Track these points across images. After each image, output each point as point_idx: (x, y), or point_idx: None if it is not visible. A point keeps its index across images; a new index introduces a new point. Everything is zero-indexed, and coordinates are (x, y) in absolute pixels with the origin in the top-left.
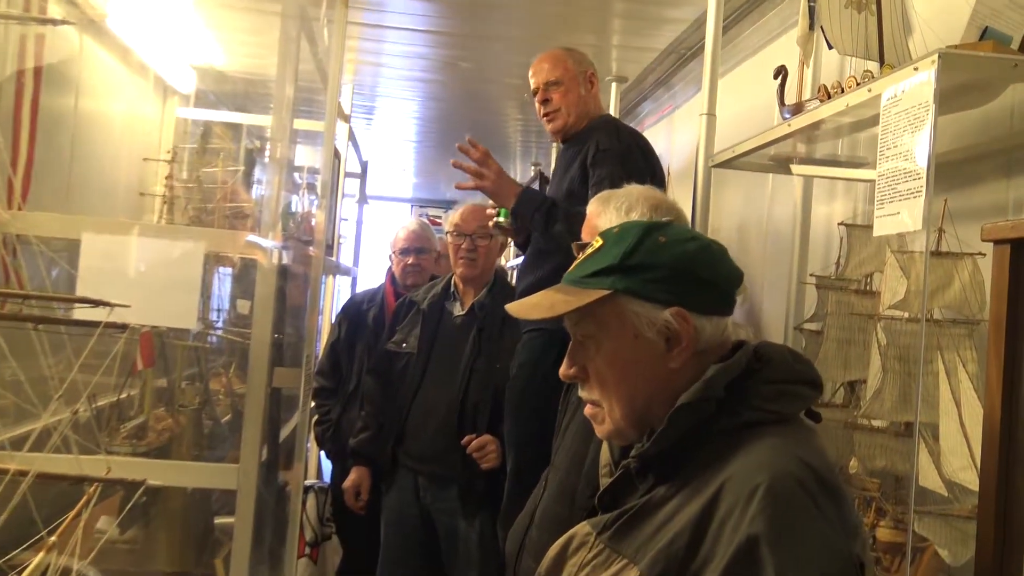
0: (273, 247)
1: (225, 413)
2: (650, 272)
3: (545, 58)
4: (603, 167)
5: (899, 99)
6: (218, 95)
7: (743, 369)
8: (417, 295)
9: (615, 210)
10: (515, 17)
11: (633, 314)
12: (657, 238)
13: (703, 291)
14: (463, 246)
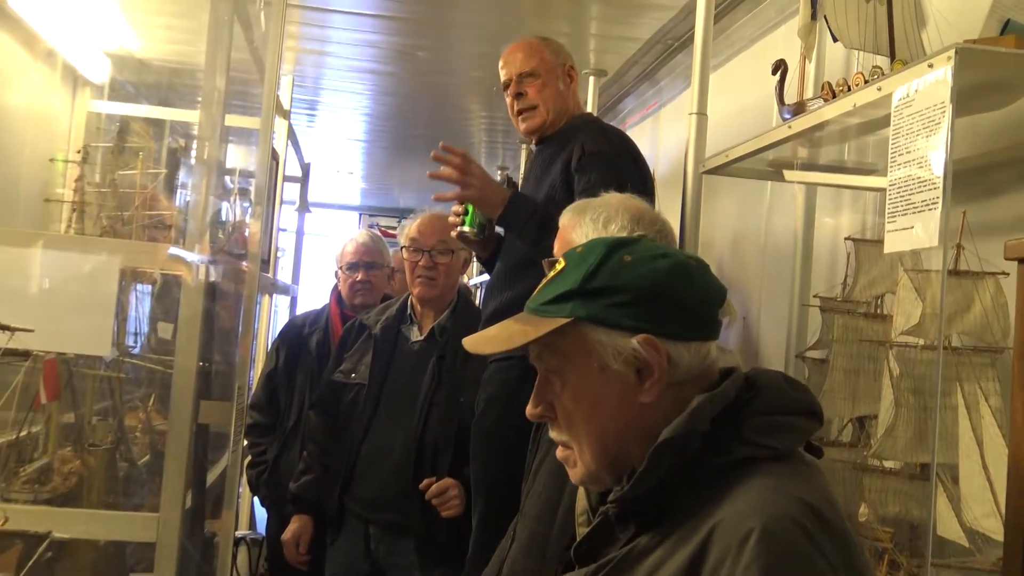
0: (200, 262)
1: (143, 454)
2: (613, 296)
3: (518, 47)
4: (593, 171)
5: (912, 99)
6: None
7: (732, 399)
8: (368, 317)
9: (591, 222)
10: (479, 1)
11: (597, 344)
12: (621, 257)
13: (676, 314)
14: (421, 263)
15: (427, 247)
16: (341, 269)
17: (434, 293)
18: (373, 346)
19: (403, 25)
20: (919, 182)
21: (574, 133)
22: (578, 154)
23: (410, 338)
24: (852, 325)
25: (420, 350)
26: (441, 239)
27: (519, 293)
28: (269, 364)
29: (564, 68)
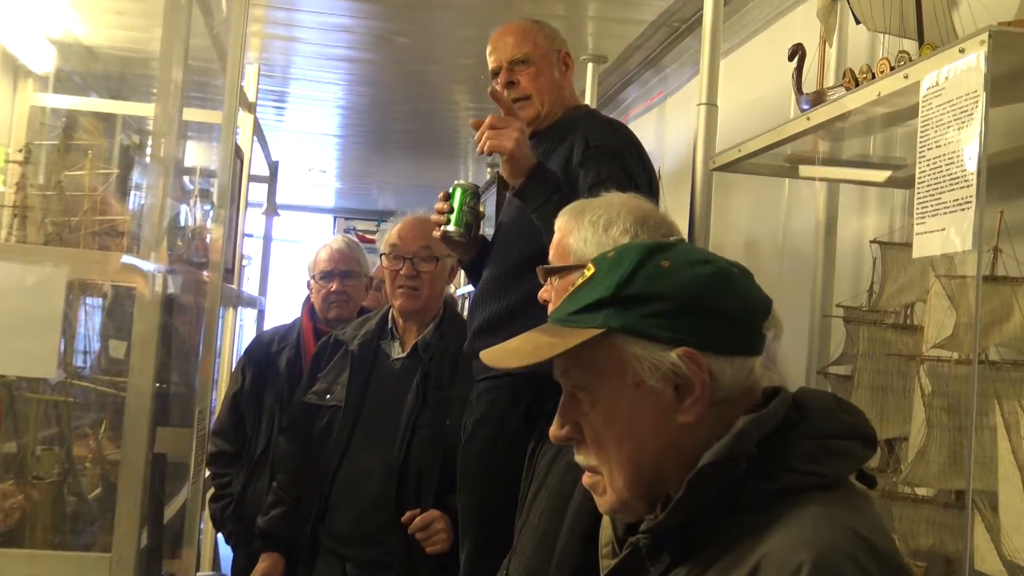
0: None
1: (94, 487)
2: (651, 304)
3: (509, 31)
4: (601, 165)
5: (942, 87)
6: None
7: (779, 422)
8: (344, 333)
9: (590, 225)
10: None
11: (633, 357)
12: (659, 262)
13: (719, 326)
14: (402, 271)
15: (408, 254)
16: (314, 279)
17: (417, 305)
18: (350, 364)
19: (381, 7)
20: (950, 179)
21: (572, 126)
22: (581, 146)
23: (391, 355)
24: (879, 337)
25: (402, 368)
26: (424, 244)
27: (513, 303)
28: (234, 385)
29: (559, 54)
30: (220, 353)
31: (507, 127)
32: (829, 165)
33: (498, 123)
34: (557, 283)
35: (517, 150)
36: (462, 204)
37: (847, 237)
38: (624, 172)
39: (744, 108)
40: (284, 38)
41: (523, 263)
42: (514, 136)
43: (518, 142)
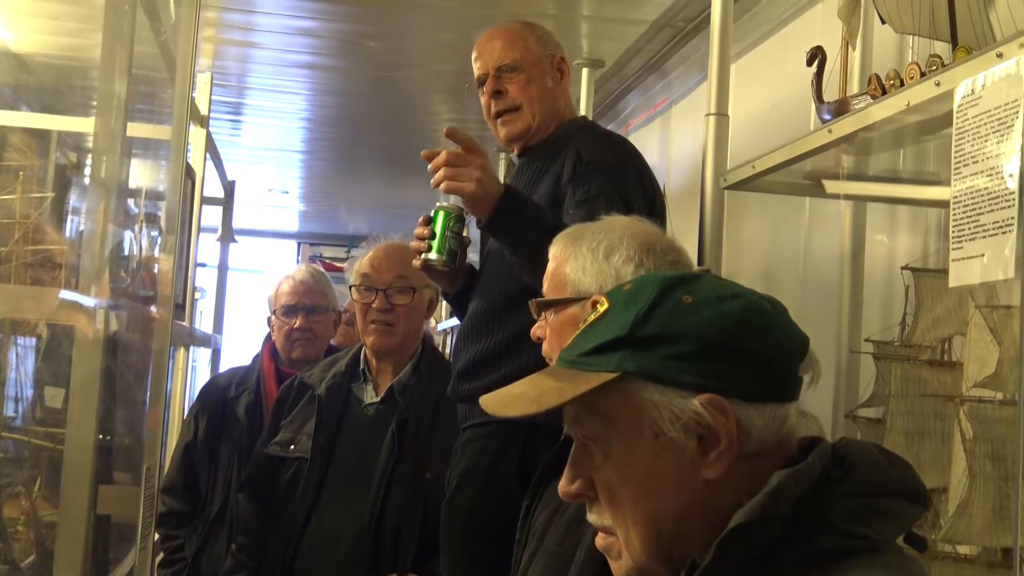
0: (98, 308)
1: (27, 553)
2: (671, 345)
3: (496, 34)
4: (591, 182)
5: (978, 96)
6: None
7: (818, 478)
8: (310, 375)
9: (589, 252)
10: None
11: (651, 405)
12: (681, 297)
13: (748, 370)
14: (374, 305)
15: (381, 285)
16: (275, 314)
17: (392, 343)
18: (317, 411)
19: (349, 8)
20: (989, 198)
21: (567, 141)
22: (572, 163)
23: (363, 400)
24: (914, 376)
25: (376, 415)
26: (399, 274)
27: (502, 341)
28: (186, 436)
29: (553, 60)
30: (170, 400)
31: (467, 165)
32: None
33: (456, 161)
34: (552, 319)
35: (479, 191)
36: (445, 229)
37: (876, 263)
38: (617, 190)
39: (758, 118)
40: (240, 43)
41: (512, 296)
42: (475, 176)
43: (480, 182)
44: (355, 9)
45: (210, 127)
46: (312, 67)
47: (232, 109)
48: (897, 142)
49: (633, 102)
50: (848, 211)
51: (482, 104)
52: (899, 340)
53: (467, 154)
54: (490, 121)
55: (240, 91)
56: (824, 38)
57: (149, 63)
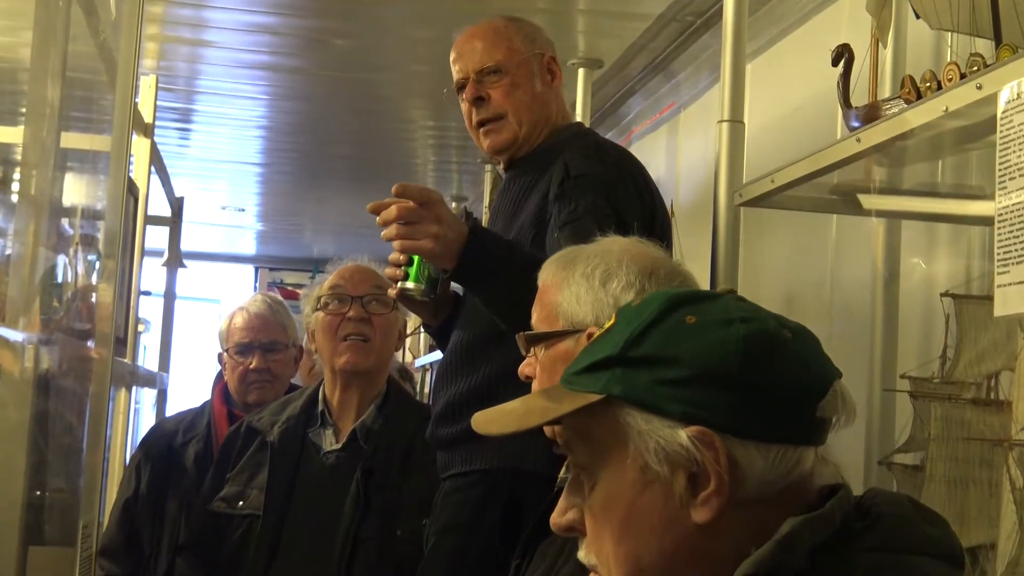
0: (27, 343)
1: None
2: (663, 369)
3: (477, 33)
4: (579, 199)
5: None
6: None
7: (837, 529)
8: (259, 419)
9: (584, 278)
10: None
11: (636, 433)
12: (683, 317)
13: (749, 402)
14: (350, 314)
15: (357, 293)
16: (228, 352)
17: (367, 362)
18: (269, 460)
19: (313, 2)
20: None
21: (558, 151)
22: (559, 177)
23: (322, 447)
24: (956, 417)
25: (337, 464)
26: (377, 284)
27: (485, 380)
28: (127, 489)
29: (542, 60)
30: (110, 448)
31: (420, 221)
32: (887, 196)
33: (409, 217)
34: (543, 355)
35: (437, 247)
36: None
37: (912, 289)
38: (610, 207)
39: (777, 126)
40: (189, 42)
41: (497, 330)
42: (431, 231)
43: (436, 238)
44: (319, 3)
45: (155, 137)
46: (271, 68)
47: (180, 116)
48: (935, 152)
49: (636, 107)
50: (880, 230)
51: (463, 112)
52: (939, 376)
53: (420, 208)
54: (472, 131)
55: (189, 96)
56: (851, 35)
57: (86, 65)
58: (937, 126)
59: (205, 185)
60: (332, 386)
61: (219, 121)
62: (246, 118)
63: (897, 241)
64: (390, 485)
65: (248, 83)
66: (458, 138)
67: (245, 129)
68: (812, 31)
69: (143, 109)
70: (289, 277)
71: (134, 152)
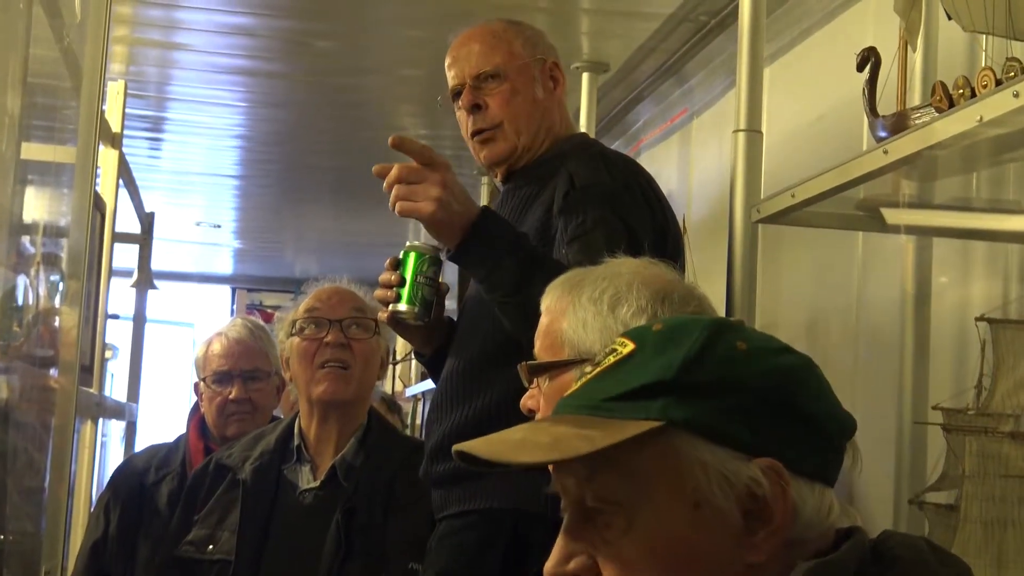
0: None
1: None
2: (728, 396)
3: (474, 35)
4: (586, 211)
5: None
6: None
7: (852, 573)
8: (229, 455)
9: (591, 303)
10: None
11: (698, 465)
12: (734, 343)
13: (807, 437)
14: (328, 339)
15: (336, 316)
16: (205, 382)
17: (346, 392)
18: (241, 500)
19: (293, 1)
20: None
21: (561, 162)
22: (563, 189)
23: (298, 485)
24: (992, 452)
25: (315, 503)
26: (357, 307)
27: (483, 410)
28: (95, 531)
29: (544, 66)
30: (75, 486)
31: (422, 182)
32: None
33: (410, 176)
34: (547, 386)
35: (439, 212)
36: (416, 274)
37: (944, 312)
38: (620, 221)
39: (798, 135)
40: (160, 45)
41: (495, 354)
42: (432, 194)
43: (439, 202)
44: (300, 2)
45: (124, 148)
46: (248, 73)
47: (151, 125)
48: (968, 164)
49: (645, 114)
50: (910, 248)
51: (458, 120)
52: (974, 408)
53: (423, 168)
54: (468, 141)
55: (160, 103)
56: (878, 37)
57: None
58: (971, 136)
59: (178, 199)
60: (309, 418)
61: (193, 130)
62: (222, 127)
63: (928, 260)
64: (373, 526)
65: (224, 89)
66: (452, 147)
67: (221, 139)
68: (835, 33)
69: (110, 117)
70: (269, 299)
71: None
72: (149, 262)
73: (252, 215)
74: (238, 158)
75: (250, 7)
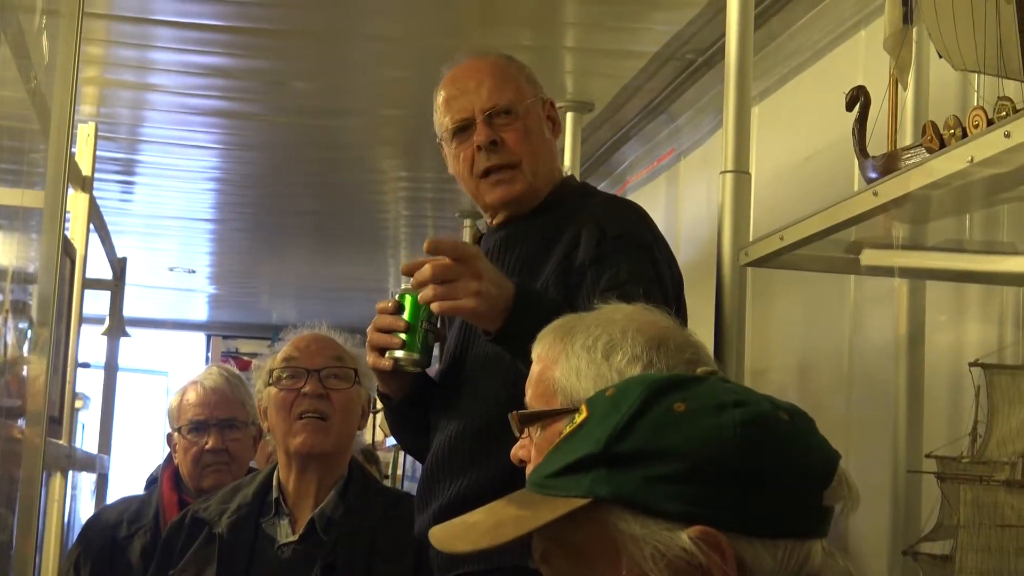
0: None
1: None
2: (656, 464)
3: (482, 67)
4: (621, 263)
5: None
6: None
7: None
8: (206, 508)
9: (584, 351)
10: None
11: (629, 539)
12: (671, 405)
13: (752, 497)
14: (305, 390)
15: (314, 366)
16: (180, 432)
17: (325, 444)
18: (217, 555)
19: (269, 40)
20: None
21: (574, 209)
22: (594, 238)
23: (277, 539)
24: (988, 501)
25: (294, 558)
26: (336, 355)
27: (501, 470)
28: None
29: (544, 106)
30: (43, 541)
31: (459, 279)
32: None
33: (445, 275)
34: (538, 436)
35: (481, 306)
36: (419, 320)
37: (938, 357)
38: (654, 270)
39: (786, 177)
40: (132, 86)
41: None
42: (472, 289)
43: (479, 295)
44: (277, 41)
45: (95, 191)
46: (223, 114)
47: (123, 168)
48: (961, 205)
49: (631, 154)
50: (903, 292)
51: (455, 159)
52: (969, 456)
53: (457, 264)
54: (470, 180)
55: (132, 145)
56: (867, 76)
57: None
58: (963, 177)
59: (151, 244)
60: (287, 470)
61: (166, 173)
62: (196, 169)
63: (921, 304)
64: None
65: (198, 131)
66: (433, 190)
67: (195, 182)
68: (824, 71)
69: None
70: (245, 346)
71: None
72: (121, 309)
73: (227, 260)
74: (213, 201)
75: (224, 47)
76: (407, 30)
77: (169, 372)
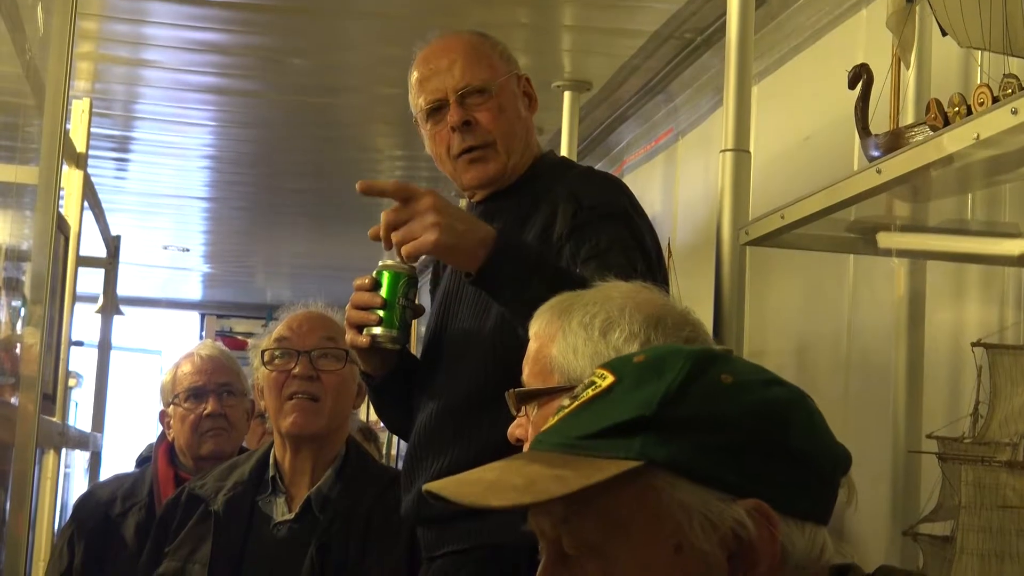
0: None
1: None
2: (710, 432)
3: (453, 46)
4: (599, 232)
5: None
6: None
7: None
8: (202, 485)
9: (581, 328)
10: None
11: (678, 507)
12: (718, 375)
13: (798, 475)
14: (296, 371)
15: (305, 347)
16: (176, 403)
17: (316, 425)
18: (213, 532)
19: (266, 16)
20: None
21: (547, 184)
22: (571, 209)
23: (273, 517)
24: (989, 482)
25: (290, 536)
26: (327, 335)
27: (496, 442)
28: (59, 566)
29: (519, 82)
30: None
31: (413, 216)
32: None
33: (399, 217)
34: (536, 414)
35: (444, 236)
36: (397, 296)
37: (939, 337)
38: (634, 240)
39: (787, 155)
40: (127, 62)
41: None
42: (429, 221)
43: (439, 226)
44: (274, 17)
45: (89, 168)
46: (219, 91)
47: (117, 145)
48: (964, 184)
49: (629, 134)
50: (903, 272)
51: (431, 139)
52: (970, 436)
53: (406, 204)
54: (448, 161)
55: (127, 122)
56: (870, 54)
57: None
58: (967, 156)
59: (145, 222)
60: (282, 450)
61: (161, 150)
62: (191, 147)
63: (922, 284)
64: (348, 561)
65: (193, 108)
66: (429, 168)
67: (190, 159)
68: (826, 49)
69: (75, 137)
70: (239, 325)
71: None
72: (115, 287)
73: (222, 238)
74: (208, 179)
75: (221, 23)
76: (405, 8)
77: (163, 351)
